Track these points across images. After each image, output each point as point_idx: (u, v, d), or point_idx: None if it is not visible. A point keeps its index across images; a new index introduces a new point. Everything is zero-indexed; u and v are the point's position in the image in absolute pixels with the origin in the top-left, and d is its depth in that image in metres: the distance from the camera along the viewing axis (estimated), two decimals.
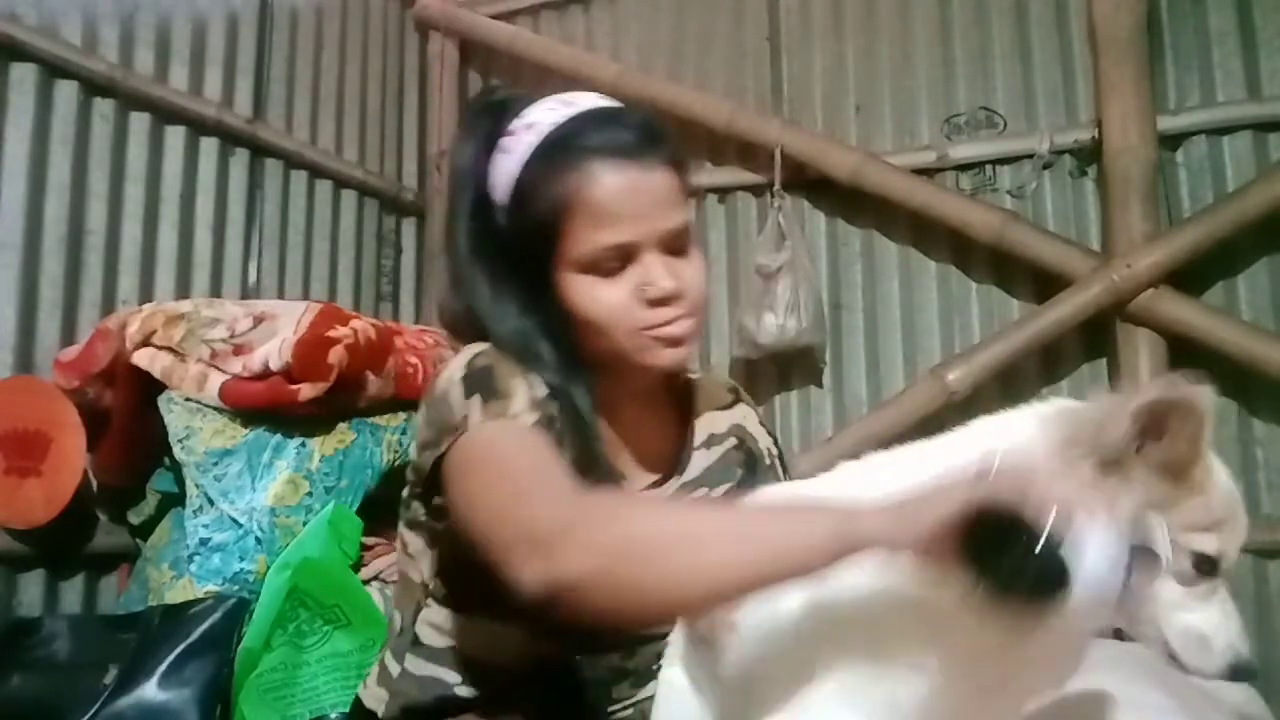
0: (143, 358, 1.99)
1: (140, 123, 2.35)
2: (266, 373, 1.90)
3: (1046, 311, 2.46)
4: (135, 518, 2.10)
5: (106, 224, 2.24)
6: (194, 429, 1.90)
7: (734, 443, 1.23)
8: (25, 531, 1.96)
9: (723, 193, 2.93)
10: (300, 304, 2.04)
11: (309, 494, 1.89)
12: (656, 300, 1.03)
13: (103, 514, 2.15)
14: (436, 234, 3.18)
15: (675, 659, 1.02)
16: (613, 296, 1.03)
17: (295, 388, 1.89)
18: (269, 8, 2.72)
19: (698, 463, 1.19)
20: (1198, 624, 0.81)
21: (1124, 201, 2.38)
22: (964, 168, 2.71)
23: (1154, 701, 1.07)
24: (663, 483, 1.16)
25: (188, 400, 1.94)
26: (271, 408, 1.92)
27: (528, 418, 0.99)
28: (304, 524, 1.85)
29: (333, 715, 1.67)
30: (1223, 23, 2.49)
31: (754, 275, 2.67)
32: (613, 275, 1.02)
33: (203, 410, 1.93)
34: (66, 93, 2.18)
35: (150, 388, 1.98)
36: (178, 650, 1.72)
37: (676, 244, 1.05)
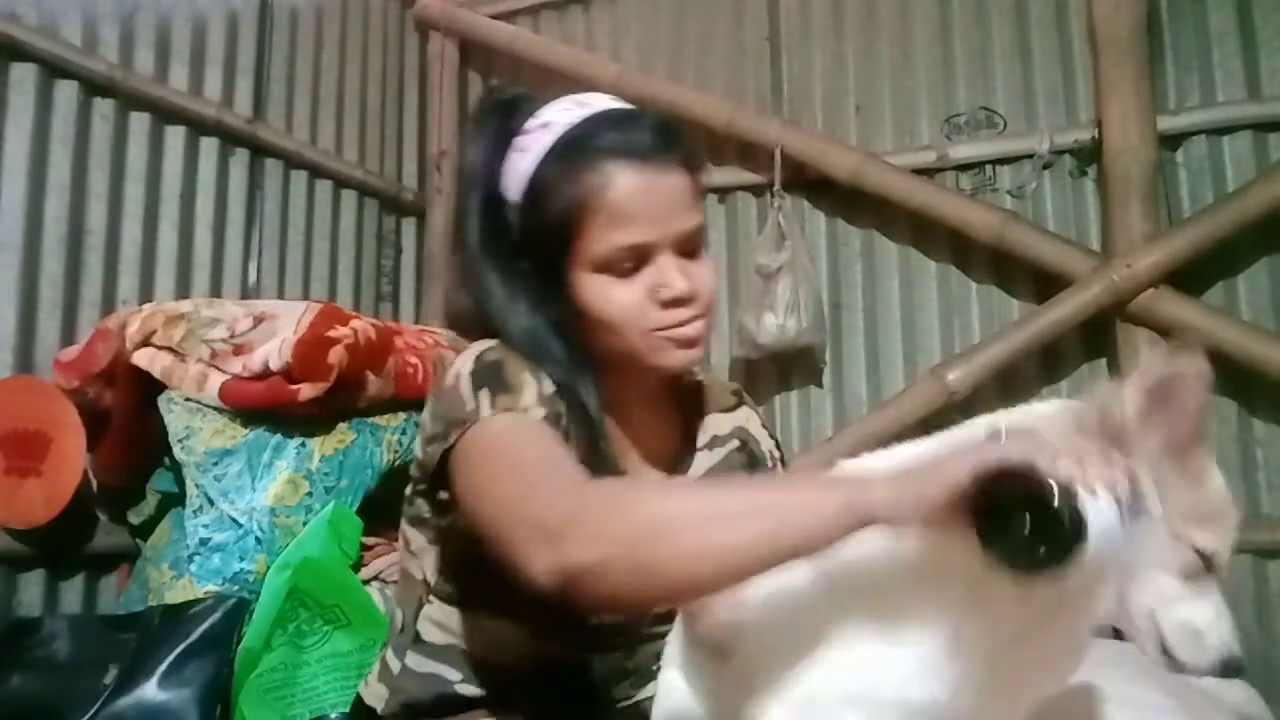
0: (143, 358, 1.99)
1: (140, 123, 2.35)
2: (266, 373, 1.90)
3: (1046, 311, 2.46)
4: (135, 518, 2.10)
5: (106, 224, 2.25)
6: (194, 429, 1.90)
7: (737, 444, 1.24)
8: (25, 531, 1.96)
9: (723, 193, 2.92)
10: (300, 304, 2.04)
11: (309, 494, 1.89)
12: (670, 301, 1.03)
13: (103, 514, 2.15)
14: (437, 234, 3.18)
15: (673, 662, 1.02)
16: (627, 297, 1.03)
17: (295, 388, 1.89)
18: (269, 8, 2.72)
19: (701, 463, 1.20)
20: (1193, 618, 0.81)
21: (1124, 201, 2.38)
22: (964, 168, 2.71)
23: (1154, 701, 1.08)
24: None
25: (188, 400, 1.94)
26: (271, 408, 1.92)
27: (537, 411, 0.99)
28: (304, 524, 1.85)
29: (333, 715, 1.67)
30: (1223, 23, 2.49)
31: (754, 275, 2.67)
32: (627, 275, 1.03)
33: (203, 410, 1.93)
34: (66, 93, 2.18)
35: (150, 388, 1.98)
36: (178, 650, 1.72)
37: (690, 246, 1.05)
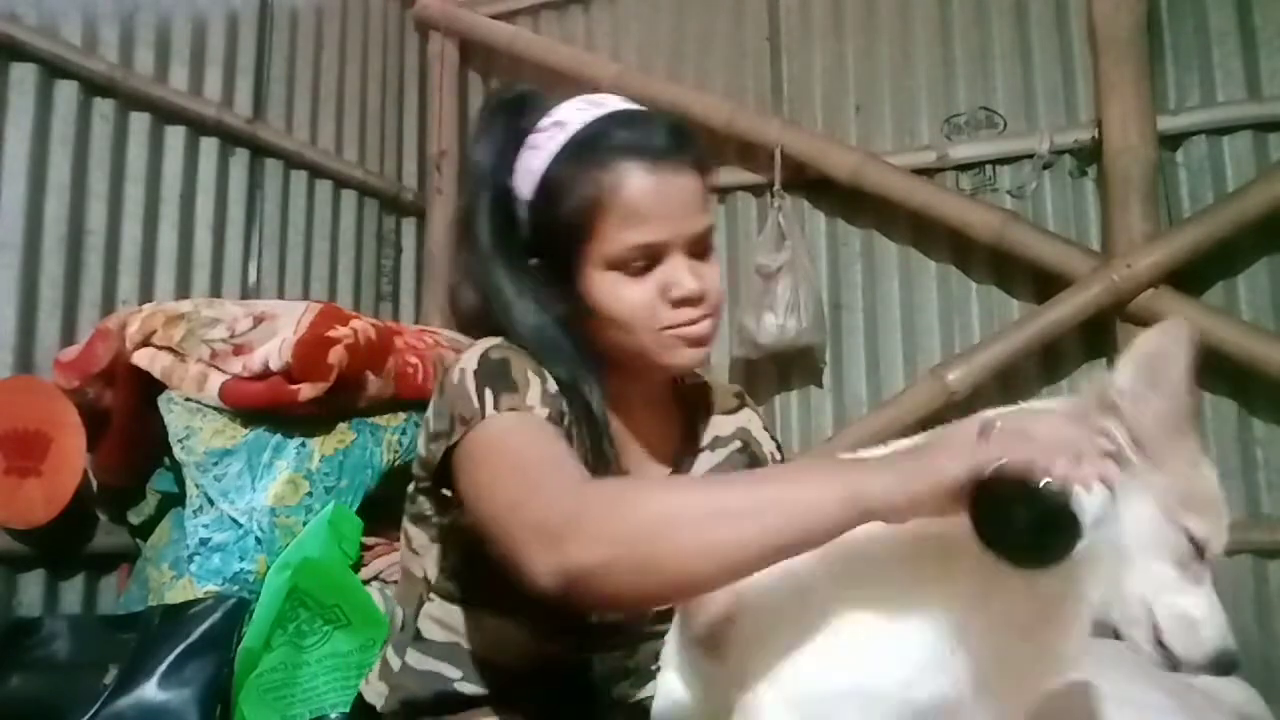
0: (143, 358, 1.99)
1: (140, 123, 2.35)
2: (266, 373, 1.90)
3: (1046, 311, 2.46)
4: (135, 518, 2.10)
5: (106, 224, 2.24)
6: (194, 429, 1.90)
7: (738, 445, 1.25)
8: (25, 531, 1.96)
9: (723, 193, 2.92)
10: (300, 304, 2.04)
11: (309, 494, 1.89)
12: (680, 300, 1.05)
13: (103, 514, 2.15)
14: (437, 234, 3.18)
15: (671, 663, 1.02)
16: (638, 295, 1.04)
17: (295, 388, 1.89)
18: (269, 8, 2.72)
19: (702, 463, 1.21)
20: (1189, 608, 0.79)
21: (1124, 201, 2.38)
22: (964, 168, 2.71)
23: (1154, 701, 1.08)
24: None
25: (188, 400, 1.94)
26: (271, 408, 1.91)
27: (540, 410, 1.00)
28: (304, 524, 1.85)
29: (333, 715, 1.67)
30: (1223, 23, 2.49)
31: (754, 275, 2.67)
32: (639, 274, 1.04)
33: (203, 410, 1.93)
34: (66, 93, 2.18)
35: (150, 388, 1.98)
36: (178, 650, 1.72)
37: (700, 247, 1.07)
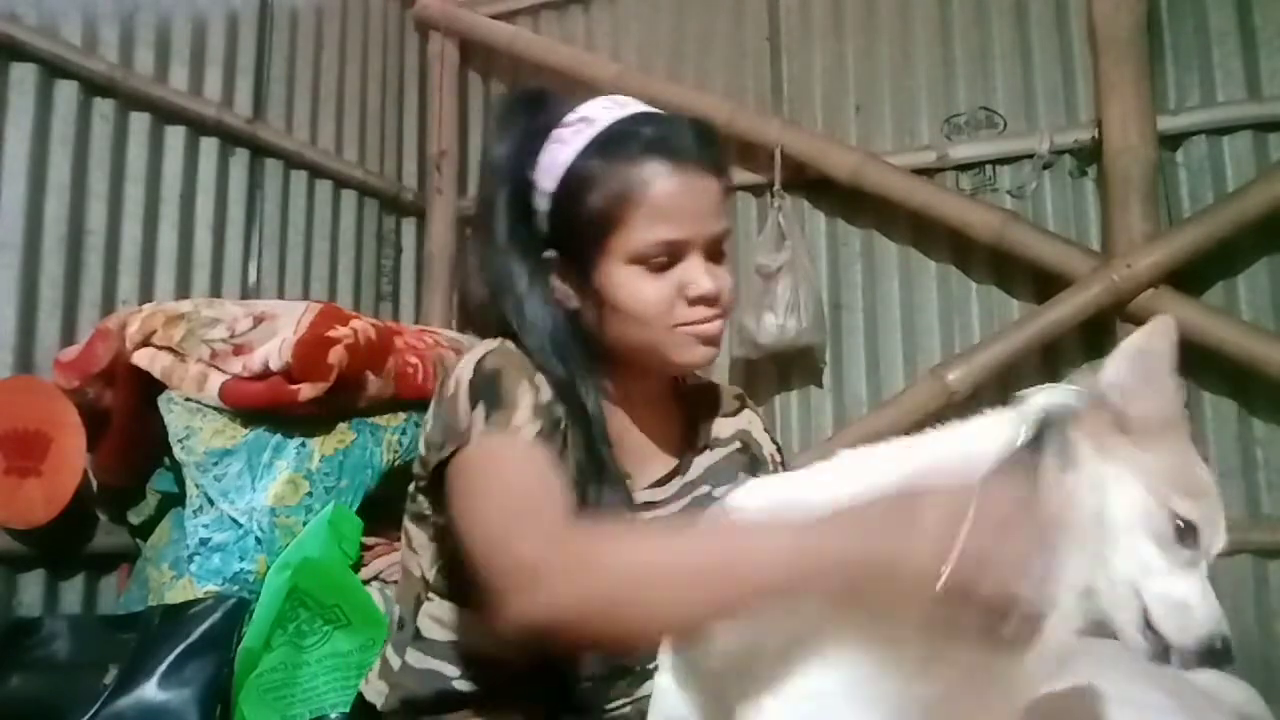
0: (143, 358, 1.98)
1: (140, 123, 2.35)
2: (266, 373, 1.90)
3: (1046, 311, 2.46)
4: (135, 518, 2.10)
5: (106, 224, 2.24)
6: (194, 429, 1.90)
7: (738, 446, 1.26)
8: (25, 531, 1.96)
9: None
10: (300, 304, 2.04)
11: (309, 494, 1.89)
12: (697, 299, 1.07)
13: (103, 514, 2.15)
14: (437, 234, 3.19)
15: (665, 666, 1.03)
16: (657, 291, 1.07)
17: (295, 388, 1.89)
18: (269, 8, 2.72)
19: (701, 463, 1.21)
20: (1178, 591, 0.78)
21: (1124, 201, 2.38)
22: (964, 168, 2.71)
23: (1154, 701, 1.07)
24: (666, 481, 1.18)
25: (188, 400, 1.94)
26: (271, 408, 1.91)
27: (530, 430, 1.00)
28: (304, 524, 1.85)
29: (333, 715, 1.67)
30: (1223, 23, 2.49)
31: (754, 275, 2.67)
32: (659, 271, 1.07)
33: (203, 410, 1.93)
34: (66, 93, 2.18)
35: (150, 388, 1.98)
36: (178, 650, 1.72)
37: (716, 249, 1.10)
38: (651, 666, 1.08)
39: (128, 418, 2.02)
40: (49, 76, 2.14)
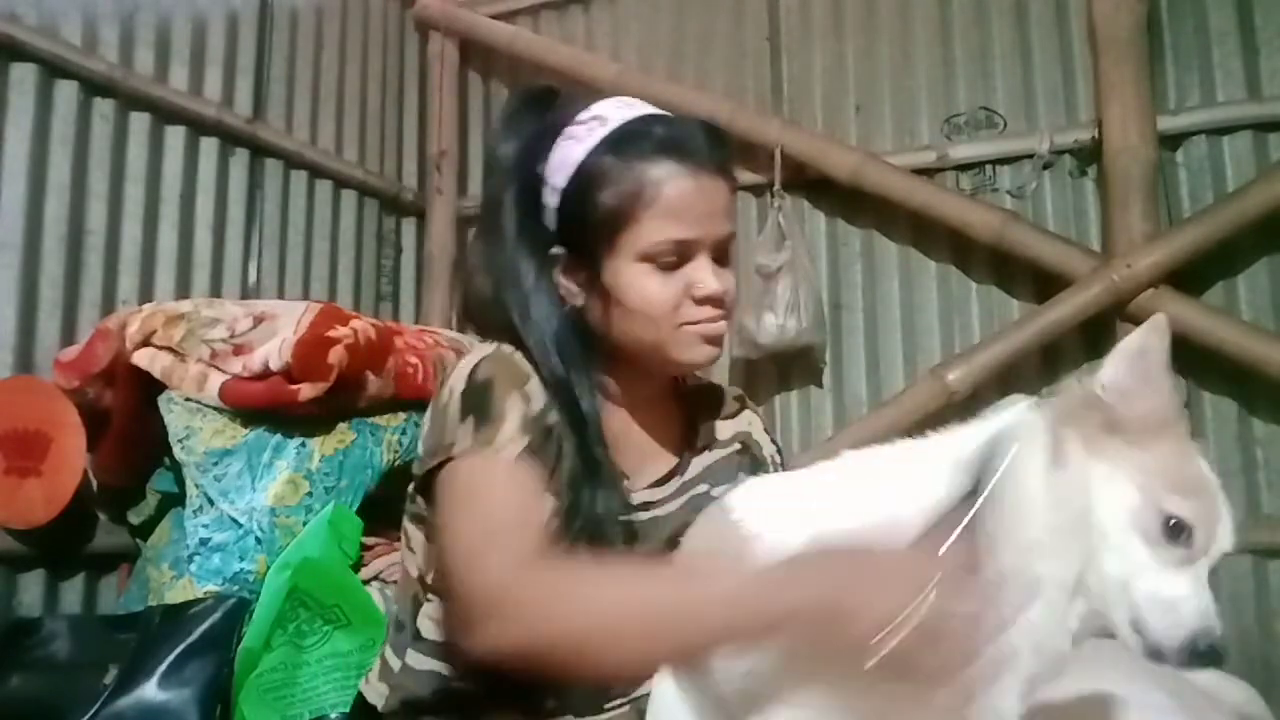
0: (143, 358, 1.98)
1: (140, 123, 2.35)
2: (266, 373, 1.90)
3: (1046, 311, 2.46)
4: (135, 518, 2.10)
5: (106, 224, 2.24)
6: (194, 429, 1.90)
7: (738, 447, 1.26)
8: (25, 531, 1.96)
9: None
10: (300, 304, 2.04)
11: (309, 494, 1.89)
12: (704, 299, 1.09)
13: (103, 514, 2.15)
14: (437, 234, 3.19)
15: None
16: (665, 289, 1.08)
17: (295, 388, 1.89)
18: (269, 8, 2.72)
19: (700, 463, 1.21)
20: (1167, 590, 0.77)
21: (1124, 201, 2.38)
22: (964, 168, 2.71)
23: (1154, 701, 1.07)
24: (665, 481, 1.18)
25: (188, 400, 1.94)
26: (271, 408, 1.91)
27: (515, 446, 1.02)
28: (304, 524, 1.85)
29: (333, 715, 1.67)
30: (1223, 23, 2.49)
31: (754, 275, 2.67)
32: (668, 270, 1.08)
33: (203, 410, 1.93)
34: (66, 93, 2.18)
35: (150, 388, 1.98)
36: (178, 650, 1.72)
37: (723, 251, 1.12)
38: None
39: (128, 418, 2.02)
40: (49, 76, 2.14)
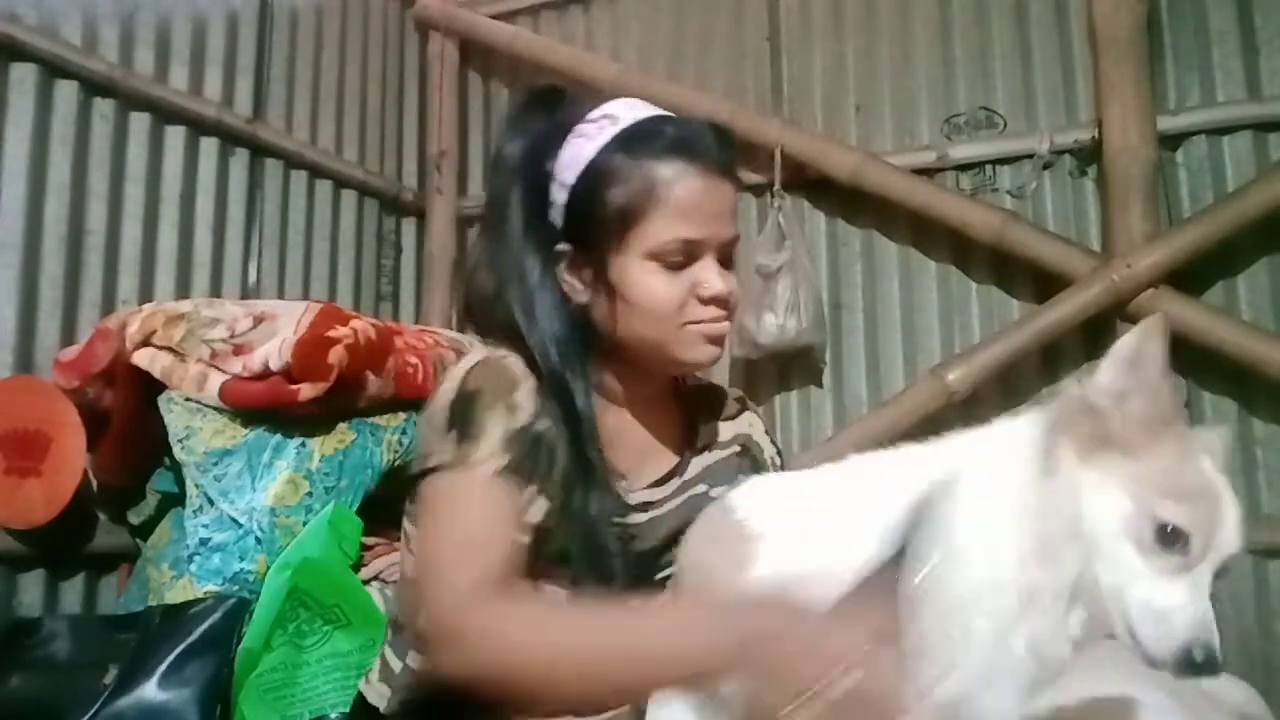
0: (143, 358, 1.98)
1: (140, 123, 2.35)
2: (266, 373, 1.90)
3: (1046, 311, 2.46)
4: (135, 518, 2.10)
5: (106, 224, 2.24)
6: (194, 429, 1.90)
7: (737, 449, 1.26)
8: (25, 531, 1.96)
9: None
10: (300, 304, 2.04)
11: (309, 494, 1.89)
12: (709, 299, 1.09)
13: (103, 514, 2.15)
14: (437, 234, 3.19)
15: None
16: (671, 288, 1.09)
17: (295, 388, 1.89)
18: (269, 8, 2.72)
19: (699, 464, 1.21)
20: (1160, 599, 0.76)
21: (1124, 201, 2.38)
22: (964, 168, 2.71)
23: (1154, 701, 1.08)
24: (664, 481, 1.18)
25: (188, 400, 1.94)
26: (271, 408, 1.91)
27: (493, 463, 1.02)
28: (304, 524, 1.85)
29: (333, 715, 1.67)
30: (1223, 23, 2.49)
31: (754, 275, 2.67)
32: (675, 269, 1.09)
33: (203, 410, 1.93)
34: (66, 93, 2.17)
35: (150, 388, 1.98)
36: (178, 650, 1.72)
37: (727, 253, 1.13)
38: None
39: (128, 418, 2.02)
40: (49, 76, 2.14)
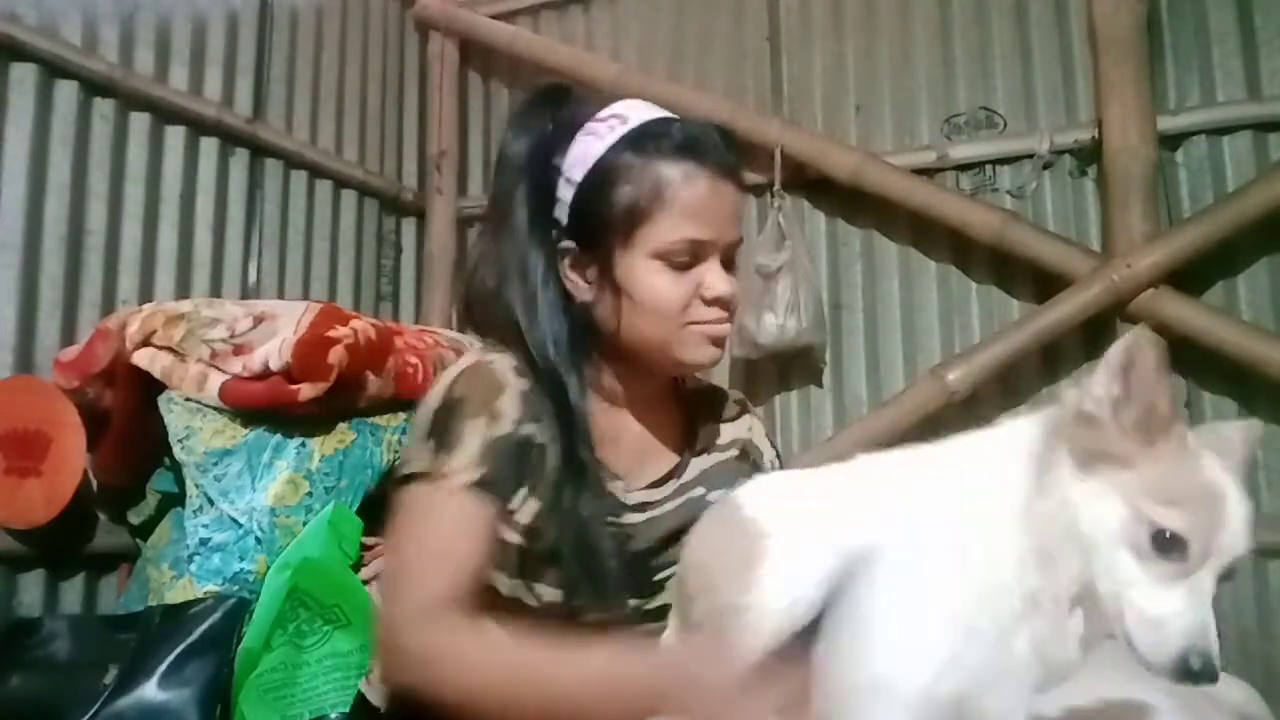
0: (143, 358, 1.98)
1: (140, 123, 2.35)
2: (266, 373, 1.90)
3: (1046, 311, 2.46)
4: (135, 518, 2.10)
5: (106, 224, 2.24)
6: (194, 429, 1.90)
7: (737, 453, 1.26)
8: (25, 531, 1.96)
9: None
10: (300, 304, 2.04)
11: (309, 494, 1.89)
12: (713, 300, 1.10)
13: (103, 514, 2.15)
14: (437, 234, 3.19)
15: None
16: (676, 288, 1.09)
17: (295, 388, 1.89)
18: (269, 8, 2.72)
19: (698, 465, 1.21)
20: (1156, 606, 0.76)
21: (1124, 201, 2.38)
22: (964, 168, 2.71)
23: (1154, 702, 1.07)
24: (663, 482, 1.18)
25: (188, 400, 1.94)
26: (271, 408, 1.91)
27: (466, 477, 1.03)
28: (304, 524, 1.85)
29: (333, 715, 1.67)
30: (1223, 23, 2.49)
31: (754, 275, 2.67)
32: (680, 269, 1.09)
33: (203, 410, 1.93)
34: (66, 93, 2.17)
35: (150, 388, 1.98)
36: (178, 650, 1.72)
37: (732, 255, 1.14)
38: None
39: (128, 418, 2.02)
40: (49, 76, 2.14)
